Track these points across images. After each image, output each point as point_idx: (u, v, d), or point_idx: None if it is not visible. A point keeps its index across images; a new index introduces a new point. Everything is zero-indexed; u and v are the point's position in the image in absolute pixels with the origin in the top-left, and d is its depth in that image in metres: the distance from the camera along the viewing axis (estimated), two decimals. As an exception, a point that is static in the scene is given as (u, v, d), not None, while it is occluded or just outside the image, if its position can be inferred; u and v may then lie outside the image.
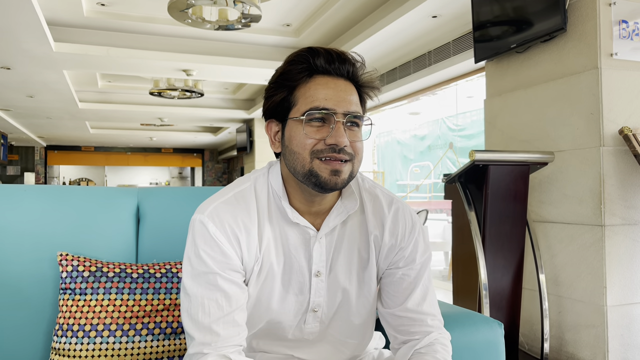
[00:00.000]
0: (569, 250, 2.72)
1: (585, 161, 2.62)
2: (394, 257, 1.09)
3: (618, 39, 2.59)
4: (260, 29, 5.72)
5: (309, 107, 0.96)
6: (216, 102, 9.89)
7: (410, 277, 1.09)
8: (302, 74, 0.98)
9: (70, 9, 5.04)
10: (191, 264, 0.99)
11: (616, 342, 2.52)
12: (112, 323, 1.22)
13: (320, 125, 0.97)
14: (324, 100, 0.96)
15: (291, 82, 0.99)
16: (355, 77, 1.01)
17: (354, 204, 1.05)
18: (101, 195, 1.46)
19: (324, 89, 0.97)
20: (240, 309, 0.99)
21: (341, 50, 1.00)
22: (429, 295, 1.10)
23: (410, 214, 1.12)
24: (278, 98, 1.00)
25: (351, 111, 0.97)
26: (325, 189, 0.97)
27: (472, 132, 9.41)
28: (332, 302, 1.08)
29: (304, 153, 0.97)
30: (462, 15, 4.41)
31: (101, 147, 17.05)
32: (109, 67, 6.35)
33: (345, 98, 0.97)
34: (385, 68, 6.21)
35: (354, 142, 0.98)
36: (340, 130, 0.95)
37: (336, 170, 0.96)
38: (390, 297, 1.10)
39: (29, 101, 8.35)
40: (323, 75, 0.98)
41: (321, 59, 0.98)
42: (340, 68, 0.99)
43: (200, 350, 0.94)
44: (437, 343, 1.07)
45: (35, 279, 1.31)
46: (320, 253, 1.05)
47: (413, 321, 1.08)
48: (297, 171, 0.98)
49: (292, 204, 1.04)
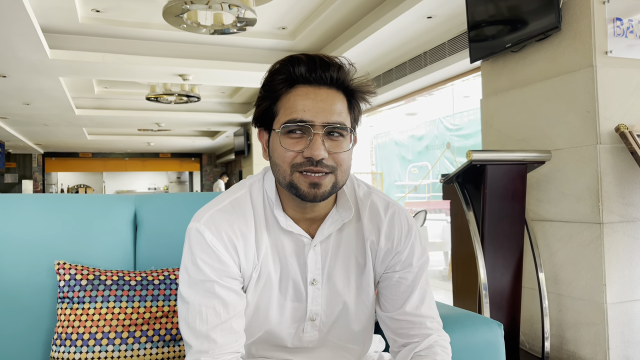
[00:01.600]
0: (568, 249, 2.72)
1: (582, 159, 2.62)
2: (391, 261, 1.08)
3: (612, 37, 2.60)
4: (255, 32, 5.72)
5: (287, 119, 0.94)
6: (213, 106, 9.89)
7: (407, 280, 1.08)
8: (283, 84, 0.96)
9: (65, 16, 5.04)
10: (188, 272, 0.99)
11: (617, 339, 2.52)
12: (110, 331, 1.22)
13: (299, 137, 0.95)
14: (302, 112, 0.94)
15: (273, 92, 0.98)
16: (341, 83, 0.98)
17: (348, 212, 1.04)
18: (98, 203, 1.45)
19: (303, 99, 0.95)
20: (238, 316, 0.98)
21: (326, 56, 0.97)
22: (427, 298, 1.09)
23: (406, 218, 1.10)
24: (263, 108, 1.00)
25: (331, 122, 0.94)
26: (306, 201, 0.96)
27: (470, 131, 9.42)
28: (330, 310, 1.07)
29: (283, 165, 0.96)
30: (457, 15, 4.42)
31: (99, 153, 17.04)
32: (105, 73, 6.35)
33: (325, 108, 0.94)
34: (382, 69, 6.22)
35: (336, 154, 0.95)
36: (317, 143, 0.93)
37: (315, 183, 0.94)
38: (388, 301, 1.10)
39: (25, 109, 8.34)
40: (304, 85, 0.96)
41: (302, 68, 0.95)
42: (322, 76, 0.95)
43: (198, 358, 0.94)
44: (436, 345, 1.06)
45: (33, 288, 1.30)
46: (316, 261, 1.04)
47: (412, 324, 1.07)
48: (281, 182, 0.98)
49: (286, 211, 1.03)
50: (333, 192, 0.98)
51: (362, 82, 1.00)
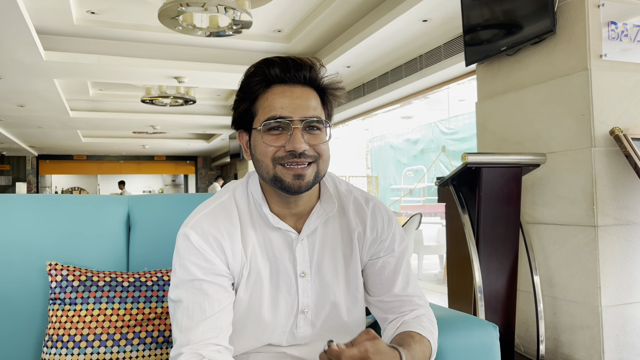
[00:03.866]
0: (562, 252, 2.72)
1: (576, 162, 2.63)
2: (376, 249, 1.15)
3: (607, 40, 2.61)
4: (251, 35, 5.72)
5: (267, 116, 1.00)
6: (208, 108, 9.88)
7: (391, 264, 1.15)
8: (260, 85, 1.02)
9: (60, 18, 5.02)
10: (177, 274, 1.03)
11: (611, 342, 2.52)
12: (103, 333, 1.20)
13: (279, 133, 1.01)
14: (280, 109, 1.00)
15: (250, 94, 1.03)
16: (314, 81, 1.04)
17: (332, 206, 1.10)
18: (91, 204, 1.44)
19: (280, 97, 1.01)
20: (224, 311, 1.01)
21: (298, 57, 1.04)
22: (411, 280, 1.17)
23: (385, 209, 1.18)
24: (241, 110, 1.05)
25: (308, 116, 1.00)
26: (290, 193, 1.02)
27: (465, 135, 9.45)
28: (321, 302, 1.11)
29: (266, 160, 1.01)
30: (452, 19, 4.43)
31: (93, 156, 16.98)
32: (99, 75, 6.33)
33: (301, 104, 1.01)
34: (377, 72, 6.23)
35: (316, 145, 1.02)
36: (297, 137, 0.99)
37: (299, 174, 1.00)
38: (375, 286, 1.16)
39: (19, 110, 8.30)
40: (280, 84, 1.02)
41: (276, 69, 1.01)
42: (296, 75, 1.02)
43: (179, 352, 0.96)
44: (423, 316, 1.13)
45: (24, 289, 1.29)
46: (304, 254, 1.09)
47: (402, 302, 1.15)
48: (264, 177, 1.04)
49: (271, 209, 1.08)
50: (316, 182, 1.04)
51: (332, 80, 1.07)
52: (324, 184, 1.13)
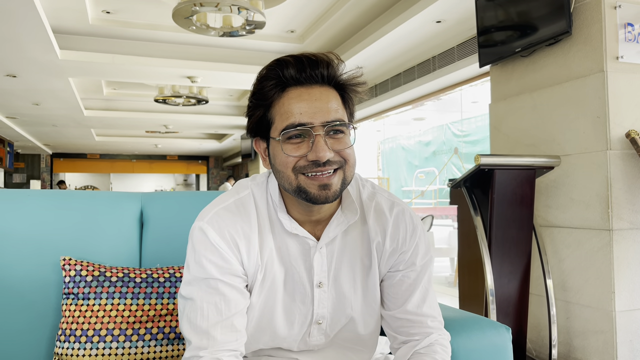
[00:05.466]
0: (576, 255, 2.69)
1: (592, 165, 2.60)
2: (395, 261, 1.08)
3: (624, 42, 2.58)
4: (264, 35, 5.73)
5: (285, 124, 0.92)
6: (221, 108, 9.91)
7: (410, 279, 1.07)
8: (274, 90, 0.94)
9: (76, 17, 5.07)
10: (191, 270, 0.98)
11: (625, 347, 2.49)
12: (115, 328, 1.21)
13: (300, 141, 0.93)
14: (298, 115, 0.91)
15: (265, 99, 0.95)
16: (332, 79, 0.95)
17: (354, 214, 1.03)
18: (104, 200, 1.45)
19: (298, 102, 0.92)
20: (240, 314, 0.97)
21: (313, 54, 0.94)
22: (429, 297, 1.08)
23: (411, 217, 1.09)
24: (256, 118, 0.97)
25: (330, 120, 0.92)
26: (317, 203, 0.95)
27: (477, 137, 9.39)
28: (337, 313, 1.06)
29: (287, 171, 0.94)
30: (466, 20, 4.41)
31: (106, 155, 17.12)
32: (114, 74, 6.38)
33: (321, 107, 0.92)
34: (390, 73, 6.21)
35: (341, 150, 0.94)
36: (320, 145, 0.90)
37: (324, 184, 0.92)
38: (389, 299, 1.09)
39: (34, 109, 8.39)
40: (295, 86, 0.93)
41: (291, 70, 0.92)
42: (313, 75, 0.93)
43: (196, 354, 0.93)
44: (436, 344, 1.06)
45: (38, 283, 1.30)
46: (321, 263, 1.03)
47: (413, 323, 1.07)
48: (287, 189, 0.96)
49: (290, 213, 1.02)
50: (343, 190, 0.97)
51: (351, 75, 0.97)
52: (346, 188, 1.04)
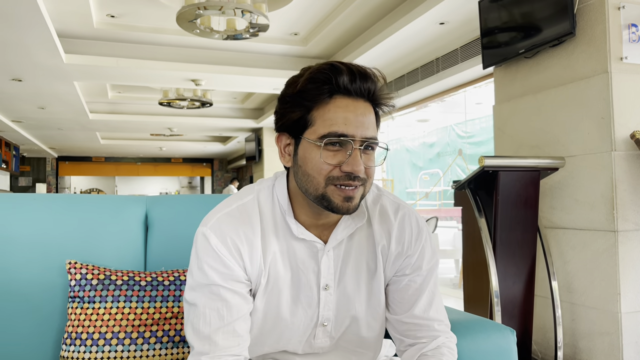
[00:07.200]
0: (581, 257, 2.68)
1: (596, 166, 2.59)
2: (401, 265, 1.08)
3: (628, 43, 2.57)
4: (268, 38, 5.75)
5: (328, 130, 0.92)
6: (225, 111, 9.94)
7: (416, 283, 1.07)
8: (324, 94, 0.93)
9: (81, 21, 5.10)
10: (194, 276, 0.99)
11: (631, 349, 2.48)
12: (120, 331, 1.22)
13: (337, 150, 0.93)
14: (343, 125, 0.92)
15: (309, 100, 0.94)
16: (373, 95, 0.96)
17: (361, 217, 1.04)
18: (109, 204, 1.46)
19: (344, 111, 0.92)
20: (242, 319, 0.98)
21: (362, 67, 0.95)
22: (435, 301, 1.08)
23: (416, 221, 1.09)
24: (295, 116, 0.95)
25: (368, 137, 0.93)
26: (338, 213, 0.96)
27: (482, 139, 9.37)
28: (341, 315, 1.07)
29: (319, 177, 0.94)
30: (469, 21, 4.40)
31: (111, 158, 17.19)
32: (118, 77, 6.42)
33: (363, 122, 0.93)
34: (394, 75, 6.21)
35: (369, 167, 0.95)
36: (357, 158, 0.92)
37: (349, 197, 0.94)
38: (396, 304, 1.09)
39: (40, 113, 8.44)
40: (344, 96, 0.93)
41: (344, 78, 0.92)
42: (361, 87, 0.94)
43: (198, 359, 0.94)
44: (443, 347, 1.06)
45: (44, 287, 1.31)
46: (328, 266, 1.03)
47: (420, 327, 1.07)
48: (310, 193, 0.96)
49: (297, 217, 1.02)
50: (360, 203, 0.98)
51: (385, 94, 0.98)
52: None
